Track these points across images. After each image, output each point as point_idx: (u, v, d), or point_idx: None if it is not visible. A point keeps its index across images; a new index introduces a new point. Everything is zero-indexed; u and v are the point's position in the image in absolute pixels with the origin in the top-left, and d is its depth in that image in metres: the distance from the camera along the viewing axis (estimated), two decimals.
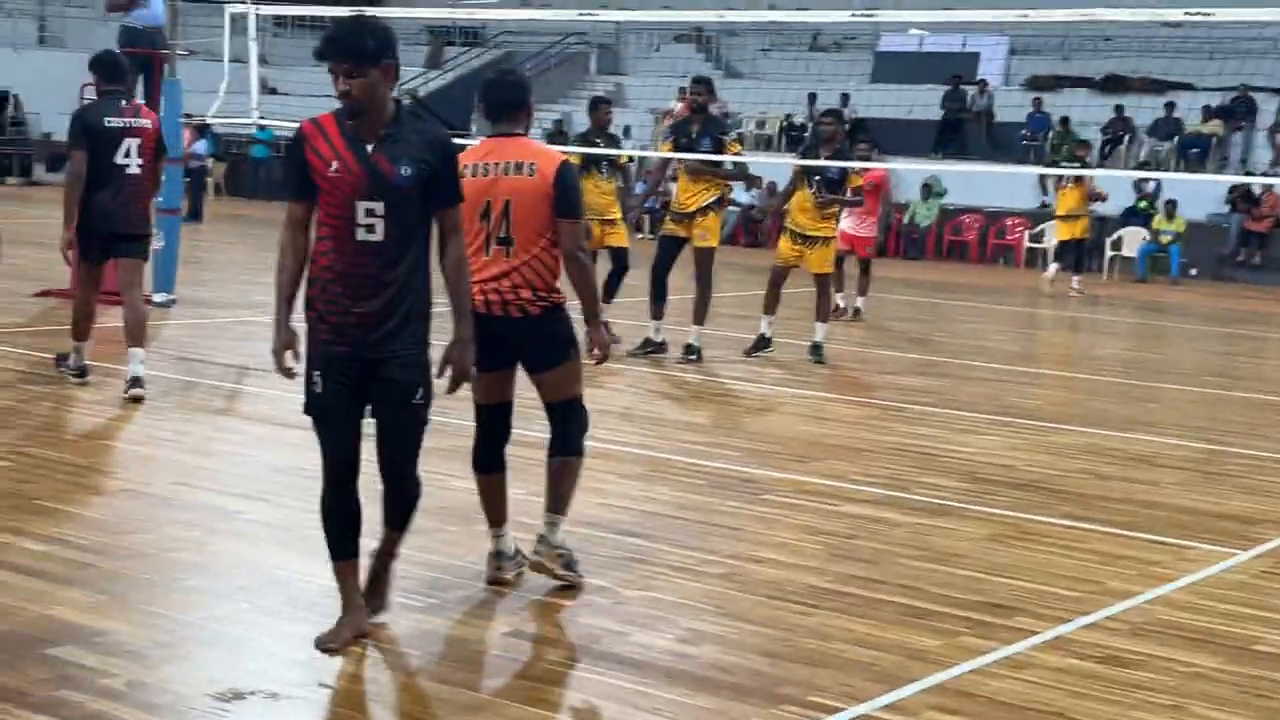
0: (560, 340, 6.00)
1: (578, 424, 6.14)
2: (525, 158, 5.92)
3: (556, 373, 6.03)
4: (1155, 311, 21.07)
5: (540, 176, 5.87)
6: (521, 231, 5.88)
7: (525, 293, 5.89)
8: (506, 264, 5.88)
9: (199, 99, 18.37)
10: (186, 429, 8.85)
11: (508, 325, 5.88)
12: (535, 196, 5.87)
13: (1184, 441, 10.31)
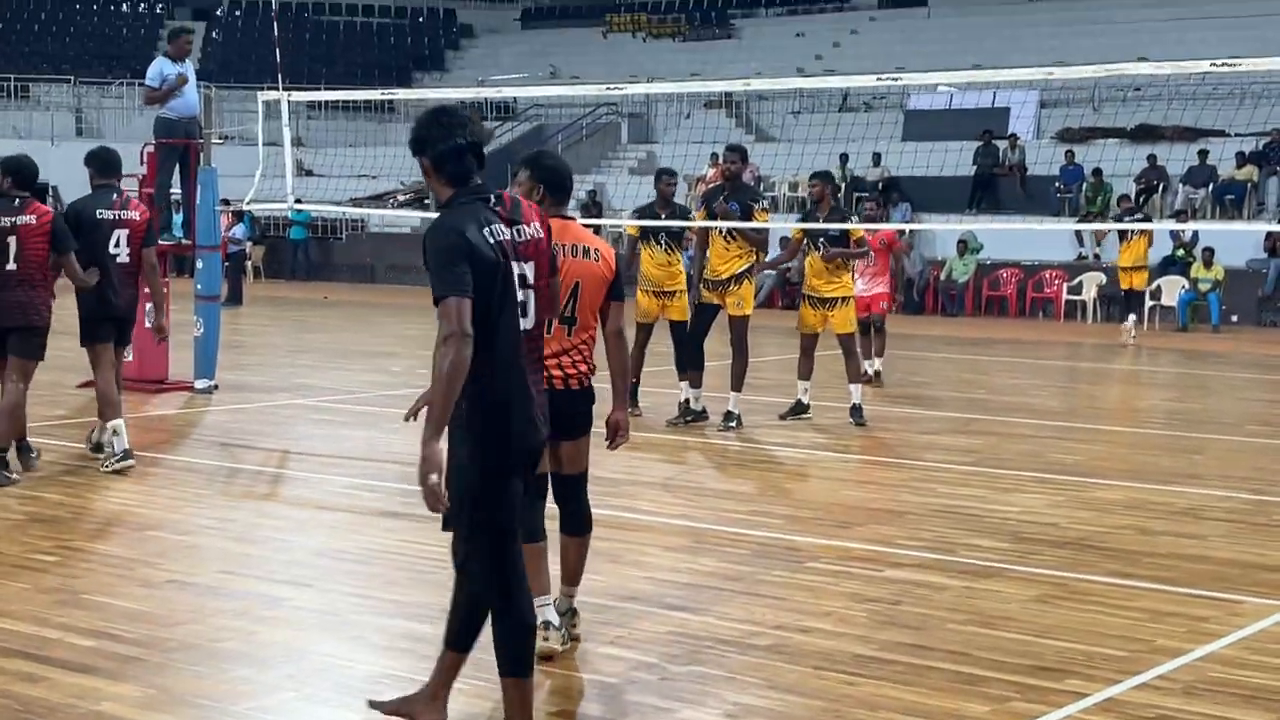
0: (589, 411, 6.26)
1: (587, 498, 6.43)
2: (587, 243, 6.18)
3: (582, 443, 6.29)
4: (1197, 360, 20.94)
5: (604, 262, 6.17)
6: (584, 312, 6.15)
7: (571, 369, 6.15)
8: (567, 342, 6.14)
9: (235, 183, 18.59)
10: (231, 516, 8.90)
11: (557, 397, 5.85)
12: (599, 281, 6.15)
13: (1230, 493, 10.23)
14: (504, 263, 4.83)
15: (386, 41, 49.67)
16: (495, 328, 4.82)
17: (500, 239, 4.86)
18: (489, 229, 4.84)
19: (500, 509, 4.91)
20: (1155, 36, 34.86)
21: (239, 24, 49.22)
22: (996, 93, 33.33)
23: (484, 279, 4.76)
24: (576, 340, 6.17)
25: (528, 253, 4.95)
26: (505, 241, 4.87)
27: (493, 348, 4.82)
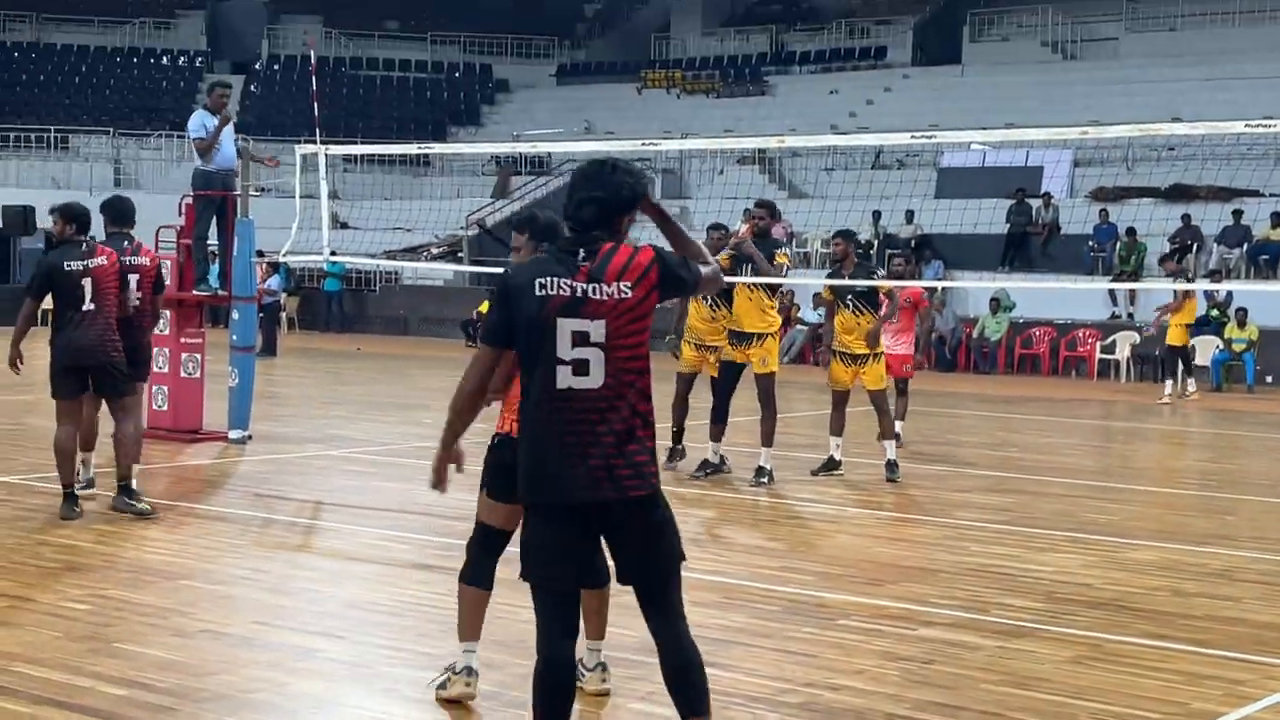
0: None
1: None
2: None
3: None
4: (1232, 421, 20.84)
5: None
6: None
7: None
8: None
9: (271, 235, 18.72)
10: (264, 567, 8.93)
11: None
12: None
13: (1265, 555, 10.16)
14: (547, 316, 4.80)
15: (423, 96, 50.07)
16: (532, 379, 4.87)
17: (551, 293, 4.81)
18: (543, 280, 4.83)
19: (544, 566, 4.94)
20: (1189, 97, 34.88)
21: (277, 78, 49.69)
22: (1030, 151, 33.37)
23: (523, 330, 4.84)
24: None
25: (596, 311, 4.81)
26: (558, 296, 4.81)
27: (528, 398, 4.90)
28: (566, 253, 4.89)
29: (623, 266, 4.84)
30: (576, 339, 4.81)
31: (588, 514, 4.88)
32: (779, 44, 49.12)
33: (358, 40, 51.72)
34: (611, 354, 4.82)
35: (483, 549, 6.24)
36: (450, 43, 52.16)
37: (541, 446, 4.87)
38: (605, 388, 4.82)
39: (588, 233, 4.91)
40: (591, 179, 4.95)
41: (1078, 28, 43.12)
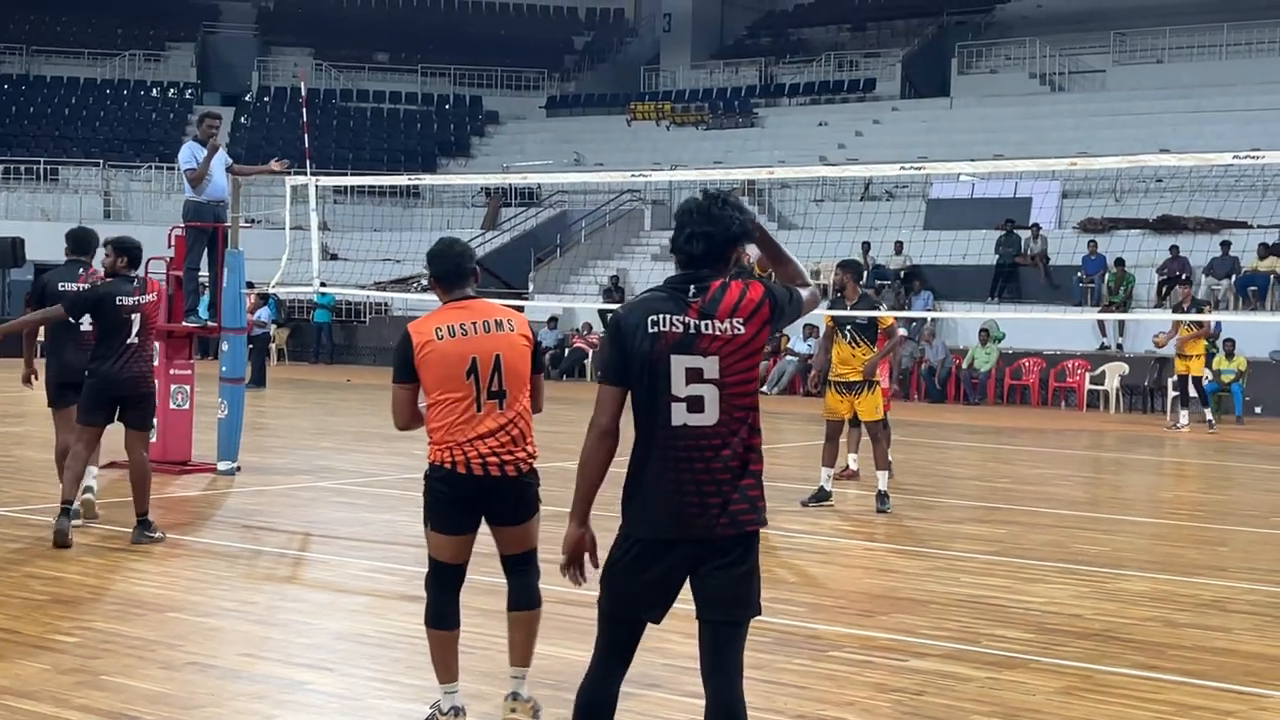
0: (535, 493, 6.36)
1: (537, 573, 6.36)
2: (498, 315, 6.27)
3: (529, 525, 6.37)
4: (1221, 452, 20.85)
5: (519, 330, 6.26)
6: (512, 384, 6.17)
7: (519, 451, 6.21)
8: (501, 418, 6.14)
9: (261, 266, 18.74)
10: (252, 599, 8.89)
11: (501, 484, 6.16)
12: (520, 350, 6.23)
13: (1255, 585, 10.15)
14: (660, 354, 4.78)
15: (413, 128, 50.17)
16: (646, 416, 4.83)
17: (664, 329, 4.79)
18: (655, 317, 4.80)
19: (625, 596, 4.93)
20: (1176, 128, 35.04)
21: (268, 110, 49.76)
22: (1019, 182, 33.48)
23: (636, 367, 4.81)
24: (511, 415, 6.18)
25: (709, 347, 4.77)
26: (670, 333, 4.78)
27: (641, 434, 4.87)
28: (677, 289, 4.85)
29: (735, 303, 4.80)
30: (690, 375, 4.78)
31: (688, 550, 4.83)
32: (768, 76, 49.30)
33: (348, 72, 51.85)
34: (725, 390, 4.79)
35: (439, 587, 6.25)
36: (440, 75, 52.30)
37: (656, 483, 4.83)
38: (720, 424, 4.79)
39: (698, 269, 4.86)
40: (700, 213, 4.89)
41: (1065, 60, 43.34)
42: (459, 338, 6.12)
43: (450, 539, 6.20)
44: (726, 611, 4.86)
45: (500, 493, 6.19)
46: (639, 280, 33.55)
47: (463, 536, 6.24)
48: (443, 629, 6.22)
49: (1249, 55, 40.22)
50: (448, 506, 6.19)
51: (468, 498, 6.16)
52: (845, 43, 50.45)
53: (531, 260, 37.18)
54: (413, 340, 6.16)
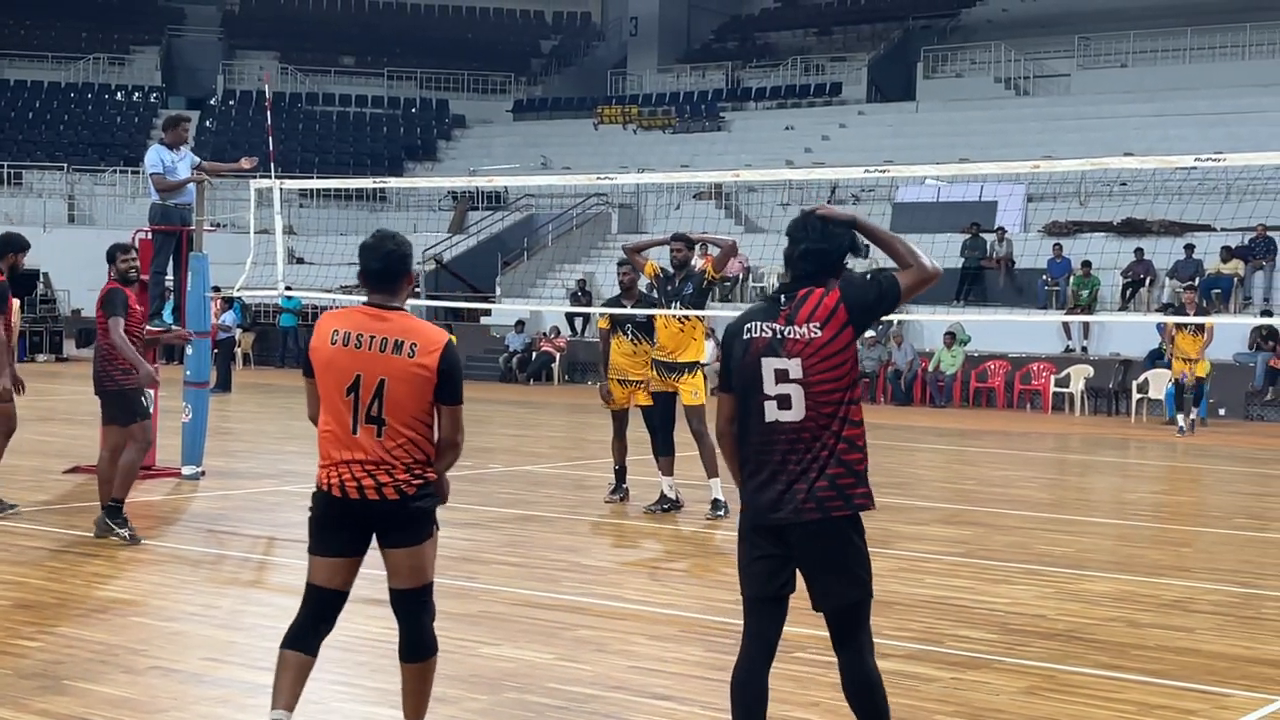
0: (426, 514, 5.64)
1: (430, 615, 5.74)
2: (405, 336, 5.52)
3: (419, 551, 5.62)
4: (1184, 453, 20.97)
5: (420, 358, 5.47)
6: (395, 414, 5.49)
7: (400, 473, 5.52)
8: (379, 448, 5.50)
9: (227, 270, 18.67)
10: (216, 603, 8.86)
11: (372, 508, 5.54)
12: (413, 379, 5.47)
13: (1218, 585, 10.21)
14: (752, 356, 5.26)
15: (379, 131, 50.08)
16: (745, 414, 5.31)
17: (755, 335, 5.28)
18: (752, 325, 5.31)
19: (749, 580, 5.34)
20: (1140, 132, 35.25)
21: (233, 113, 49.61)
22: (984, 186, 33.62)
23: (736, 372, 5.33)
24: (390, 445, 5.48)
25: (794, 350, 5.19)
26: (760, 338, 5.26)
27: (742, 432, 5.34)
28: (775, 299, 5.35)
29: (812, 309, 5.21)
30: (778, 376, 5.22)
31: (791, 536, 5.23)
32: (735, 80, 49.40)
33: (314, 76, 51.73)
34: (810, 389, 5.18)
35: (305, 608, 5.75)
36: (407, 78, 52.23)
37: (755, 474, 5.29)
38: (807, 419, 5.19)
39: (808, 282, 5.29)
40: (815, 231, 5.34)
41: (1030, 64, 43.56)
42: (349, 349, 5.49)
43: (319, 560, 5.65)
44: (838, 598, 5.33)
45: (376, 515, 5.54)
46: (606, 284, 33.55)
47: (332, 560, 5.64)
48: (293, 650, 5.66)
49: (1212, 59, 40.51)
50: (317, 526, 5.67)
51: (336, 519, 5.58)
52: (811, 47, 50.60)
53: (498, 264, 37.16)
54: (314, 333, 5.66)
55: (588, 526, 12.50)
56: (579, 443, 20.39)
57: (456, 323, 35.34)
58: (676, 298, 12.84)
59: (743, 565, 5.34)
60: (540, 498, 14.03)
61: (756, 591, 5.33)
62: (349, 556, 5.66)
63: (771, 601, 5.32)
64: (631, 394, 13.30)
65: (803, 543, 5.21)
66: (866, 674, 5.30)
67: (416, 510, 5.57)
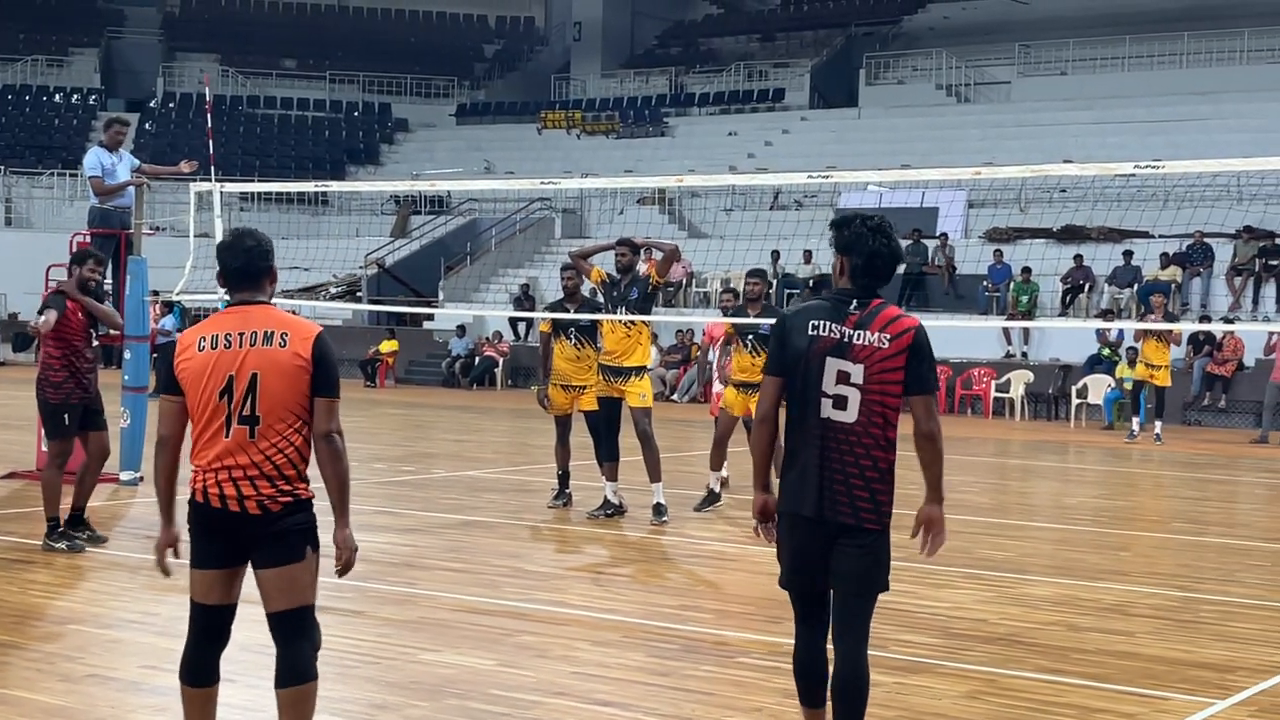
0: (298, 533, 5.36)
1: (310, 642, 5.42)
2: (275, 327, 5.32)
3: (290, 571, 5.34)
4: (1123, 458, 21.15)
5: (293, 347, 5.29)
6: (270, 410, 5.28)
7: (265, 487, 5.29)
8: (253, 449, 5.27)
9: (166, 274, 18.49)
10: (154, 610, 8.77)
11: (241, 521, 5.31)
12: (287, 370, 5.28)
13: (1157, 589, 10.30)
14: (816, 353, 5.51)
15: (321, 134, 49.84)
16: (798, 406, 5.57)
17: (822, 334, 5.53)
18: (816, 322, 5.56)
19: (789, 570, 5.70)
20: (1080, 139, 35.55)
21: (173, 116, 49.23)
22: (925, 192, 33.81)
23: (794, 362, 5.57)
24: (264, 447, 5.27)
25: (858, 356, 5.48)
26: (828, 337, 5.52)
27: (795, 423, 5.60)
28: (841, 302, 5.59)
29: (887, 321, 5.54)
30: (840, 377, 5.51)
31: (824, 529, 5.53)
32: (678, 86, 49.47)
33: (255, 79, 51.42)
34: (866, 395, 5.49)
35: (193, 632, 5.53)
36: (349, 82, 52.01)
37: (800, 464, 5.56)
38: (858, 423, 5.50)
39: (871, 287, 5.63)
40: (884, 237, 5.70)
41: (971, 71, 43.85)
42: (219, 350, 5.29)
43: (196, 572, 5.42)
44: (854, 585, 5.58)
45: (246, 530, 5.30)
46: (550, 289, 33.50)
47: (208, 572, 5.39)
48: (193, 685, 5.47)
49: (1150, 67, 40.90)
50: (192, 536, 5.44)
51: (208, 529, 5.35)
52: (754, 53, 50.74)
53: (441, 268, 37.04)
54: (177, 348, 5.46)
55: (530, 532, 12.47)
56: (522, 448, 20.34)
57: (399, 327, 35.21)
58: (622, 303, 12.83)
59: (782, 554, 5.69)
60: (483, 503, 13.98)
61: (801, 584, 5.68)
62: (222, 569, 5.41)
63: (814, 589, 5.66)
64: (575, 399, 13.28)
65: (842, 536, 5.53)
66: (858, 671, 5.56)
67: (292, 531, 5.31)
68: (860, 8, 51.11)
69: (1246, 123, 34.92)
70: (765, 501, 5.76)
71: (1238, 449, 22.60)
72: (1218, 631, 8.91)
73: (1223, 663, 8.04)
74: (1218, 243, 29.39)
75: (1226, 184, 31.39)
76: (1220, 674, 7.77)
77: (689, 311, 31.96)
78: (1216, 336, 26.86)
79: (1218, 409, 26.87)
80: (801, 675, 5.76)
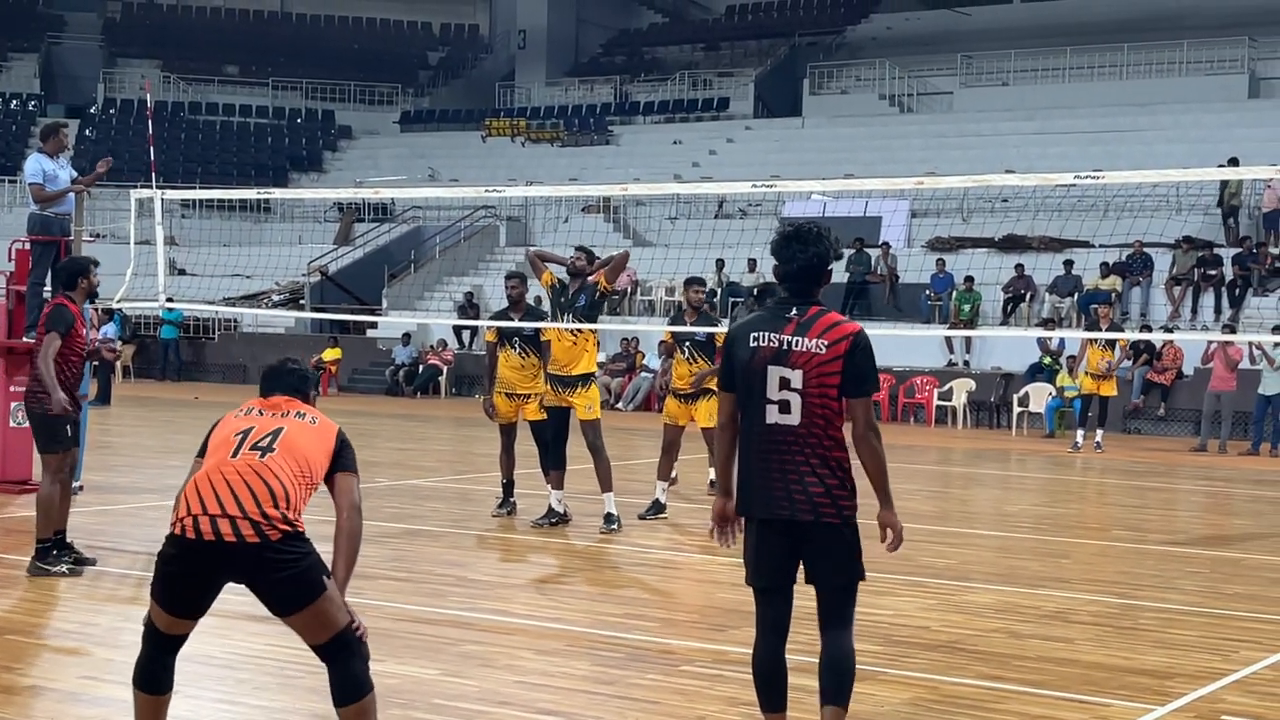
0: (308, 568, 5.41)
1: (359, 657, 5.46)
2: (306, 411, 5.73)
3: (314, 611, 5.40)
4: (1064, 466, 21.31)
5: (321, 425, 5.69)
6: (285, 452, 5.52)
7: (269, 509, 5.38)
8: (262, 468, 5.46)
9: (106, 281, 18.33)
10: (95, 620, 8.70)
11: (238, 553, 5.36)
12: (314, 432, 5.63)
13: (1097, 596, 10.39)
14: (758, 363, 5.72)
15: (264, 141, 49.56)
16: (746, 414, 5.78)
17: (763, 344, 5.74)
18: (757, 333, 5.77)
19: (754, 570, 5.88)
20: (1021, 150, 35.83)
21: (113, 121, 48.85)
22: (869, 201, 33.95)
23: (740, 374, 5.80)
24: (273, 466, 5.46)
25: (796, 361, 5.69)
26: (767, 346, 5.73)
27: (746, 430, 5.79)
28: (780, 310, 5.82)
29: (825, 328, 5.73)
30: (782, 383, 5.71)
31: (786, 529, 5.74)
32: (623, 94, 49.52)
33: (197, 85, 51.11)
34: (807, 398, 5.69)
35: (152, 645, 5.57)
36: (292, 89, 51.75)
37: (753, 470, 5.78)
38: (801, 425, 5.70)
39: (803, 293, 5.82)
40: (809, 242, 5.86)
41: (914, 81, 44.11)
42: (248, 416, 5.68)
43: (161, 614, 5.50)
44: (831, 580, 5.81)
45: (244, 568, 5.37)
46: (494, 297, 33.45)
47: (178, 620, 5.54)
48: (149, 692, 5.51)
49: (1090, 78, 41.27)
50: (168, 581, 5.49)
51: (191, 572, 5.41)
52: (699, 62, 50.86)
53: (385, 276, 36.90)
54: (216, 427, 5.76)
55: (475, 541, 12.44)
56: (466, 456, 20.29)
57: (342, 335, 35.06)
58: (569, 310, 12.83)
59: (747, 557, 5.86)
60: (426, 512, 13.94)
61: (765, 582, 5.85)
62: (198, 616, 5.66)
63: (778, 590, 5.84)
64: (520, 408, 13.26)
65: (800, 537, 5.73)
66: (844, 651, 5.84)
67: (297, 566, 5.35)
68: (804, 18, 51.35)
69: (1185, 133, 35.32)
70: (724, 506, 5.92)
71: (1177, 457, 22.81)
72: (1157, 638, 8.99)
73: (1161, 669, 8.11)
74: (1157, 252, 29.69)
75: (1166, 194, 31.71)
76: (1159, 680, 7.84)
77: (634, 320, 31.99)
78: (1156, 345, 27.12)
79: (1157, 417, 27.12)
80: (763, 680, 5.89)
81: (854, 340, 5.72)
